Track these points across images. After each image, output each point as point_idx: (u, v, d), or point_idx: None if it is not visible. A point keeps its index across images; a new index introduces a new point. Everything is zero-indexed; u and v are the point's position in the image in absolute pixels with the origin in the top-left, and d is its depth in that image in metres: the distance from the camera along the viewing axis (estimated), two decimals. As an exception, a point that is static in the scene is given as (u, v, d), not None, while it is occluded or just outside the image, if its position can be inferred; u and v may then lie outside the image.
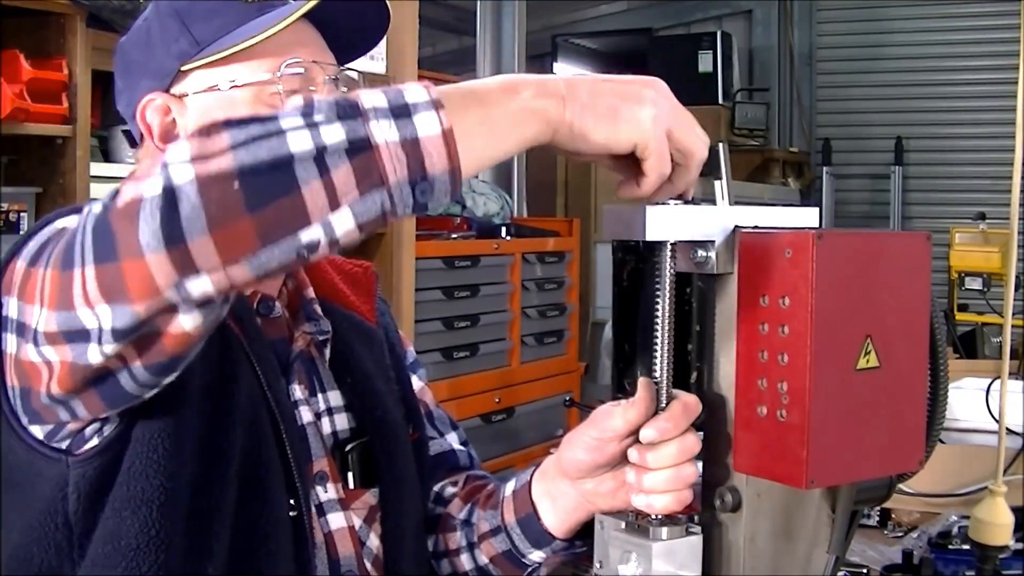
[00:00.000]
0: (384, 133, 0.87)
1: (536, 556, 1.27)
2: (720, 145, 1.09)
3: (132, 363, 0.95)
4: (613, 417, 1.10)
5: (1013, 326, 1.82)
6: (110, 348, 0.92)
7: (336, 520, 1.23)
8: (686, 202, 1.06)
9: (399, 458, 1.29)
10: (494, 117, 0.93)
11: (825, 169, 6.98)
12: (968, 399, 2.42)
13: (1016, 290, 2.72)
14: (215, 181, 0.85)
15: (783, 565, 1.11)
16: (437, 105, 0.89)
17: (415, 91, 0.90)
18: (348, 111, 0.88)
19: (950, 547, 1.88)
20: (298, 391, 1.23)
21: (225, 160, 0.85)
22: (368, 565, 1.25)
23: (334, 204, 0.86)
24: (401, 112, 0.88)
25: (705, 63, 6.42)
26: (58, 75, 2.44)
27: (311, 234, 0.86)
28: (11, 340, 1.01)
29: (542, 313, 4.31)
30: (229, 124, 0.88)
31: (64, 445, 1.07)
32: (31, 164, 2.52)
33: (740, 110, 6.55)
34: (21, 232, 1.92)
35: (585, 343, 5.00)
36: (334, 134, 0.86)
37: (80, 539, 1.08)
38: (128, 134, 1.28)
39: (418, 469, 1.33)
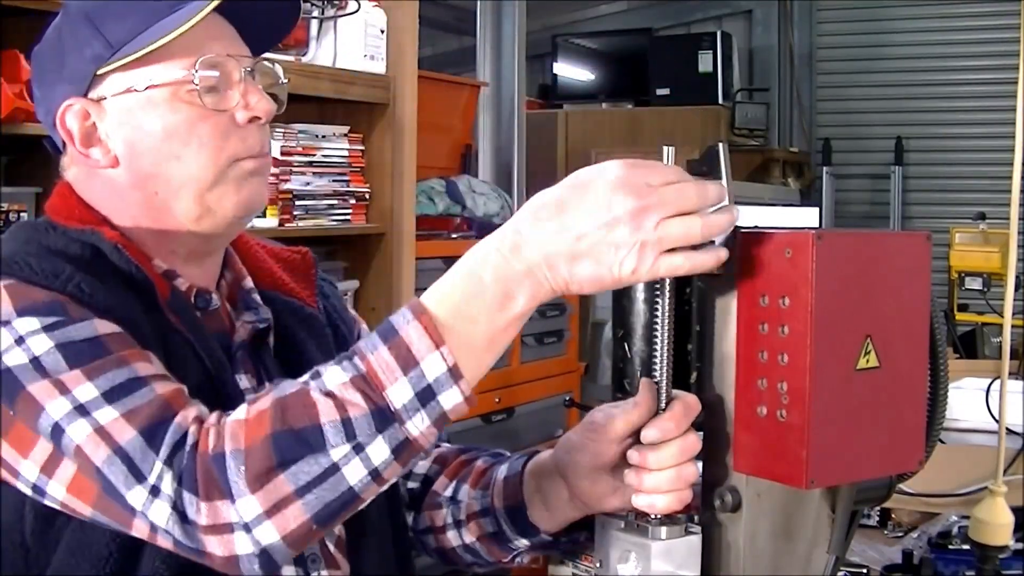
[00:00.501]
0: (418, 426, 0.99)
1: (521, 543, 1.28)
2: (720, 145, 1.09)
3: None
4: (614, 420, 1.10)
5: (1013, 326, 1.82)
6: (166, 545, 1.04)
7: None
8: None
9: None
10: (498, 336, 1.01)
11: (825, 169, 6.97)
12: (968, 399, 2.41)
13: (1016, 290, 2.71)
14: (299, 533, 0.99)
15: (783, 565, 1.11)
16: (456, 375, 0.99)
17: (432, 364, 0.98)
18: (383, 421, 0.98)
19: (950, 547, 1.88)
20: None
21: (298, 512, 0.99)
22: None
23: (380, 484, 1.01)
24: (427, 397, 0.99)
25: (705, 63, 6.41)
26: (58, 75, 2.44)
27: (360, 504, 1.02)
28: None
29: (542, 313, 4.30)
30: (282, 465, 0.98)
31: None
32: (31, 164, 2.52)
33: (740, 110, 6.54)
34: None
35: (585, 343, 5.00)
36: (381, 453, 0.98)
37: (37, 559, 1.10)
38: (51, 141, 1.27)
39: None
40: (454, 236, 3.99)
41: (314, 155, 3.06)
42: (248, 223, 1.30)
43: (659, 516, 1.08)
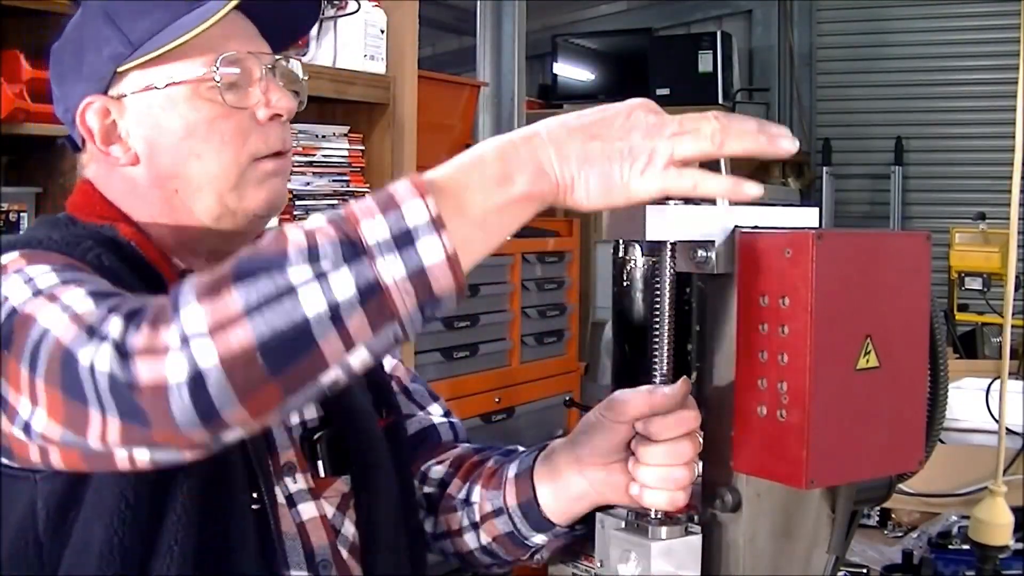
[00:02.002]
0: (391, 272, 0.89)
1: (538, 539, 1.27)
2: (720, 145, 1.09)
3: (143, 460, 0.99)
4: (630, 399, 1.09)
5: (1013, 326, 1.82)
6: (143, 461, 0.96)
7: (308, 510, 1.23)
8: (684, 199, 1.06)
9: (369, 443, 1.28)
10: (492, 217, 0.95)
11: (825, 169, 6.98)
12: (968, 399, 2.42)
13: (1016, 290, 2.71)
14: (238, 360, 0.89)
15: (783, 565, 1.11)
16: (438, 225, 0.91)
17: (413, 209, 0.91)
18: (352, 251, 0.90)
19: (950, 547, 1.88)
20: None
21: (243, 332, 0.88)
22: (345, 553, 1.24)
23: (350, 348, 0.90)
24: (404, 241, 0.90)
25: (705, 63, 6.41)
26: (58, 75, 2.44)
27: (330, 376, 0.91)
28: None
29: (542, 313, 4.30)
30: (238, 277, 0.90)
31: (32, 466, 1.08)
32: (31, 164, 2.52)
33: (740, 110, 6.54)
34: (21, 232, 1.92)
35: (585, 343, 5.00)
36: (344, 286, 0.89)
37: (50, 556, 1.09)
38: (70, 140, 1.28)
39: (395, 453, 1.32)
40: (454, 236, 3.99)
41: (314, 155, 3.05)
42: (268, 223, 1.28)
43: (659, 516, 1.09)
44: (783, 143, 1.01)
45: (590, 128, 0.98)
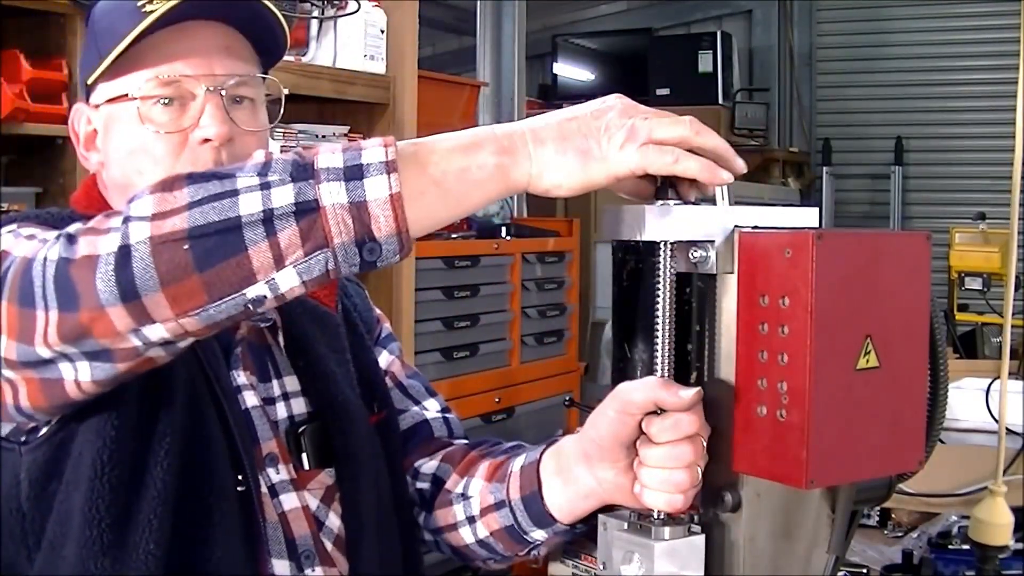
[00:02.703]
0: (332, 196, 0.92)
1: (538, 535, 1.26)
2: (720, 145, 1.09)
3: (104, 385, 1.03)
4: (636, 389, 1.08)
5: (1013, 326, 1.82)
6: (84, 373, 1.00)
7: (289, 500, 1.24)
8: (693, 200, 1.06)
9: (355, 438, 1.29)
10: (451, 178, 0.96)
11: (825, 169, 6.98)
12: (968, 399, 2.42)
13: (1016, 290, 2.72)
14: (166, 242, 0.92)
15: (783, 565, 1.11)
16: (390, 168, 0.93)
17: (373, 152, 0.94)
18: (302, 171, 0.93)
19: (950, 547, 1.88)
20: (242, 376, 1.25)
21: (179, 220, 0.92)
22: (329, 544, 1.25)
23: (279, 263, 0.92)
24: (353, 174, 0.93)
25: (705, 63, 6.42)
26: (58, 75, 2.44)
27: (257, 290, 0.94)
28: None
29: (542, 313, 4.31)
30: (191, 178, 0.95)
31: (23, 438, 1.12)
32: (31, 164, 2.52)
33: (740, 110, 6.55)
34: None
35: (585, 343, 5.00)
36: (283, 196, 0.92)
37: (32, 525, 1.12)
38: None
39: (385, 448, 1.33)
40: (454, 236, 3.99)
41: (314, 155, 3.06)
42: None
43: (662, 516, 1.09)
44: (738, 163, 1.05)
45: (567, 114, 1.01)
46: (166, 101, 1.21)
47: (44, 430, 1.11)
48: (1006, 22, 6.40)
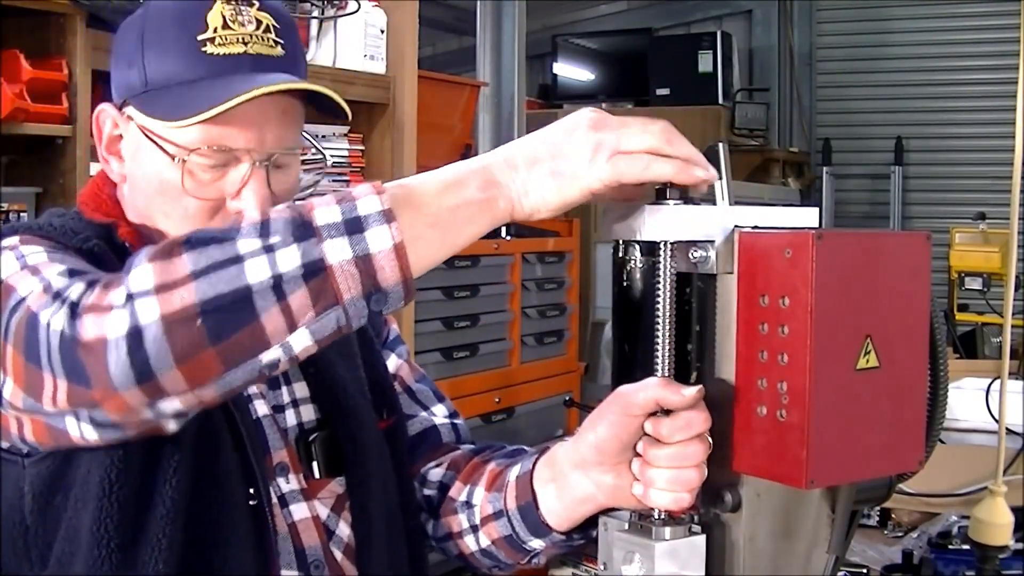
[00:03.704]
0: (337, 253, 0.92)
1: (535, 544, 1.26)
2: (720, 145, 1.09)
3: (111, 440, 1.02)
4: (638, 391, 1.07)
5: (1013, 326, 1.82)
6: (92, 436, 1.00)
7: (299, 511, 1.23)
8: (687, 199, 1.06)
9: (365, 445, 1.28)
10: (444, 218, 0.98)
11: (825, 169, 6.98)
12: (968, 399, 2.42)
13: (1016, 290, 2.72)
14: (178, 319, 0.91)
15: (783, 565, 1.11)
16: (388, 217, 0.94)
17: (367, 201, 0.94)
18: (303, 231, 0.93)
19: (950, 547, 1.88)
20: (252, 386, 1.23)
21: (187, 293, 0.91)
22: (339, 554, 1.25)
23: (291, 327, 0.93)
24: (353, 227, 0.93)
25: (705, 63, 6.41)
26: (58, 75, 2.44)
27: (271, 355, 0.94)
28: None
29: (542, 313, 4.31)
30: (190, 244, 0.94)
31: (25, 450, 1.11)
32: (31, 164, 2.52)
33: (740, 110, 6.54)
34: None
35: (585, 343, 5.00)
36: (290, 259, 0.92)
37: (36, 539, 1.10)
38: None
39: (394, 454, 1.33)
40: (454, 236, 3.99)
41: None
42: None
43: (663, 516, 1.08)
44: (711, 172, 1.04)
45: (534, 138, 1.02)
46: (208, 166, 1.18)
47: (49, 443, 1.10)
48: (1006, 22, 6.40)
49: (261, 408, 1.24)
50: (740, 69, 6.84)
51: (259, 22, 1.20)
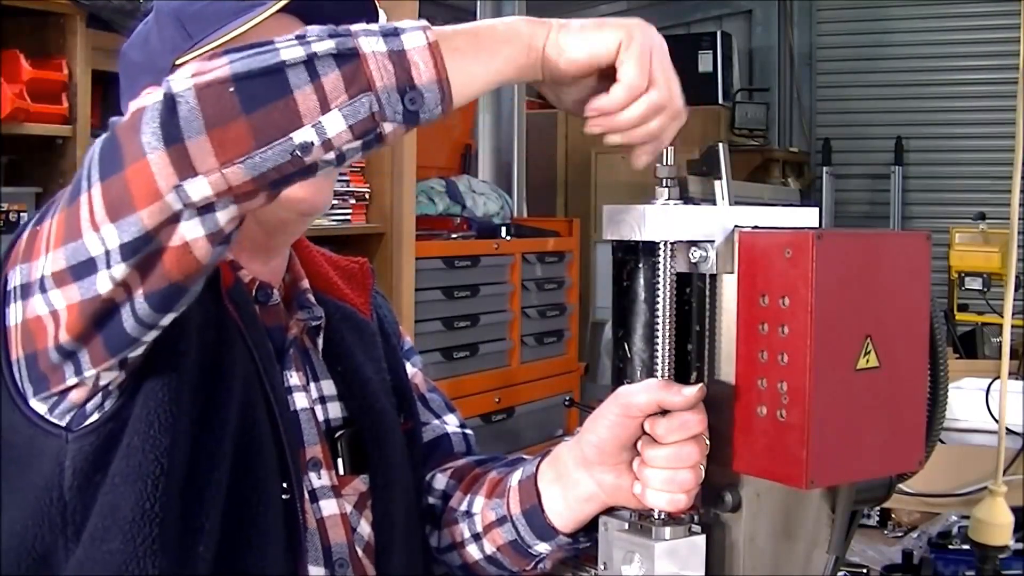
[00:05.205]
0: (371, 45, 0.94)
1: (541, 548, 1.26)
2: (720, 145, 1.09)
3: (136, 292, 0.97)
4: (639, 392, 1.08)
5: (1013, 326, 1.82)
6: (118, 271, 0.95)
7: (329, 507, 1.23)
8: (687, 200, 1.06)
9: (388, 445, 1.29)
10: (482, 37, 1.00)
11: (825, 169, 6.98)
12: (968, 399, 2.42)
13: (1016, 290, 2.71)
14: (212, 86, 0.91)
15: (783, 565, 1.11)
16: (425, 27, 0.96)
17: (407, 21, 0.97)
18: (340, 32, 0.95)
19: (950, 547, 1.88)
20: (295, 377, 1.24)
21: (222, 70, 0.92)
22: (359, 551, 1.25)
23: (324, 107, 0.92)
24: (390, 32, 0.95)
25: (705, 63, 6.41)
26: (58, 75, 2.44)
27: (304, 135, 0.92)
28: (15, 309, 1.04)
29: (542, 313, 4.31)
30: (229, 51, 0.95)
31: (65, 421, 1.09)
32: (31, 164, 2.52)
33: (740, 110, 6.54)
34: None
35: (585, 343, 5.00)
36: (324, 45, 0.93)
37: (73, 515, 1.09)
38: None
39: (411, 457, 1.33)
40: (454, 236, 4.00)
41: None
42: (311, 221, 1.30)
43: (663, 516, 1.09)
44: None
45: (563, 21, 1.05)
46: None
47: (94, 417, 1.08)
48: (1006, 22, 6.40)
49: (301, 401, 1.24)
50: (740, 69, 6.83)
51: None
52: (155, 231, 0.94)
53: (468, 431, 1.47)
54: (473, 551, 1.32)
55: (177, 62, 1.20)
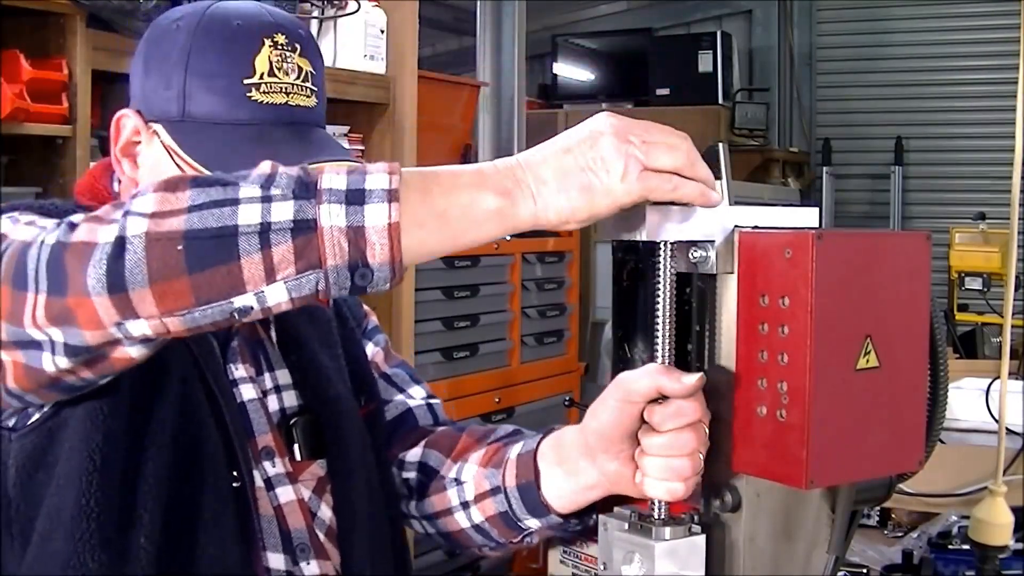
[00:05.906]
0: (331, 218, 0.92)
1: (531, 523, 1.27)
2: (720, 145, 1.09)
3: (80, 372, 1.02)
4: (640, 377, 1.08)
5: (1013, 326, 1.82)
6: (62, 361, 0.99)
7: (285, 493, 1.24)
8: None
9: (345, 429, 1.30)
10: (453, 213, 0.96)
11: (825, 169, 6.98)
12: (968, 399, 2.42)
13: (1016, 290, 2.71)
14: (162, 240, 0.92)
15: (783, 565, 1.11)
16: (392, 196, 0.94)
17: (377, 178, 0.95)
18: (304, 189, 0.93)
19: (950, 547, 1.88)
20: (240, 369, 1.26)
21: (177, 221, 0.92)
22: (321, 536, 1.26)
23: (270, 277, 0.93)
24: (354, 199, 0.93)
25: (705, 63, 6.41)
26: (58, 75, 2.44)
27: (244, 300, 0.94)
28: None
29: (542, 313, 4.30)
30: (196, 182, 0.95)
31: (11, 423, 1.12)
32: (31, 164, 2.52)
33: (740, 110, 6.54)
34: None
35: (585, 343, 5.00)
36: (283, 212, 0.92)
37: (18, 513, 1.12)
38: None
39: (374, 440, 1.34)
40: (454, 236, 3.99)
41: (314, 155, 3.05)
42: None
43: (663, 516, 1.09)
44: (713, 195, 1.04)
45: (562, 146, 1.00)
46: None
47: (35, 417, 1.11)
48: (1006, 22, 6.39)
49: (248, 392, 1.25)
50: (740, 69, 6.83)
51: (300, 69, 1.23)
52: (98, 347, 0.98)
53: (435, 400, 1.47)
54: (461, 518, 1.33)
55: (150, 122, 1.22)
